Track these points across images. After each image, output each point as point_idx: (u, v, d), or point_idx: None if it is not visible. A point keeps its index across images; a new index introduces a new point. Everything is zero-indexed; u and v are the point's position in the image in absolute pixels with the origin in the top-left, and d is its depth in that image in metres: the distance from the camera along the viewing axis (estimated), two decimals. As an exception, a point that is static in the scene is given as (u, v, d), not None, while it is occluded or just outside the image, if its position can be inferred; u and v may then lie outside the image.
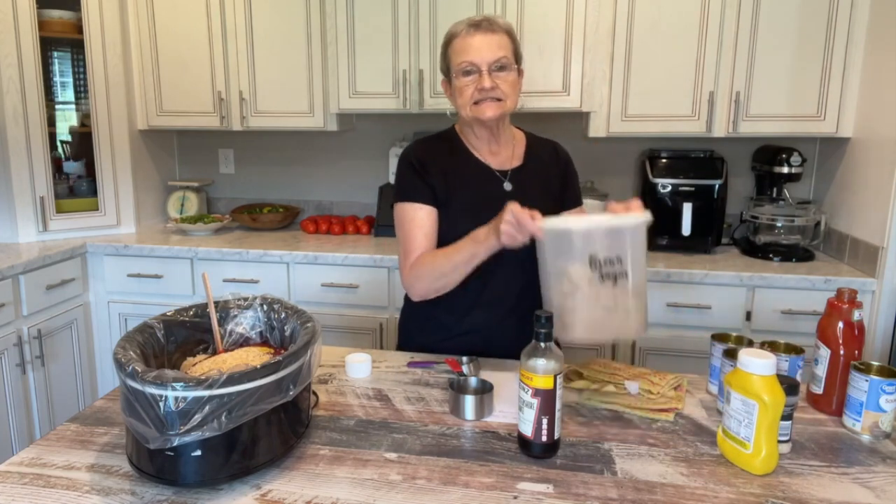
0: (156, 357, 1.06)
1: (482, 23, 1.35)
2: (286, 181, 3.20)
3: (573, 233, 1.09)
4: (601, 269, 1.09)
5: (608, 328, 1.12)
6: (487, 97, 1.34)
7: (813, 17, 2.29)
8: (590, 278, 1.09)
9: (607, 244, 1.09)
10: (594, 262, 1.08)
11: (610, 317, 1.11)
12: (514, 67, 1.37)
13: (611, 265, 1.09)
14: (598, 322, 1.11)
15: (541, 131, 1.59)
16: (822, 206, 2.54)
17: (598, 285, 1.09)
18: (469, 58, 1.34)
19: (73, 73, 2.87)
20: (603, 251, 1.09)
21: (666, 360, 2.28)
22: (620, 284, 1.09)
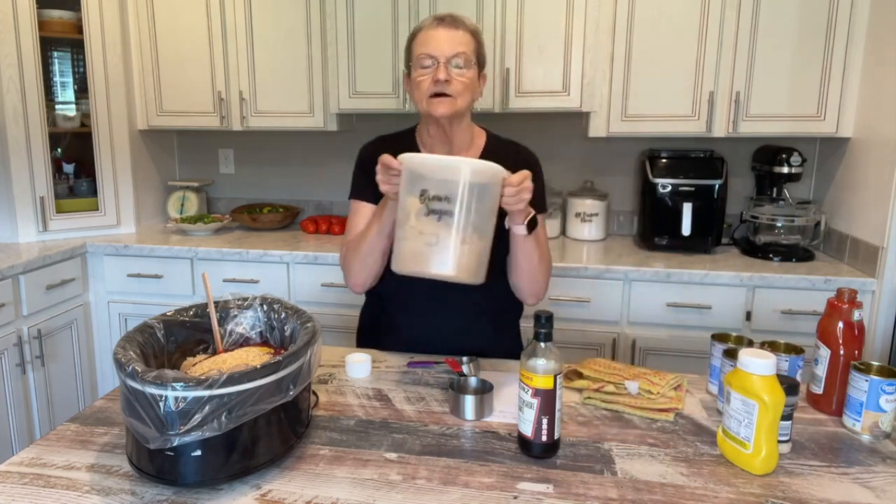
0: (156, 357, 1.06)
1: (446, 18, 1.35)
2: (286, 181, 3.20)
3: (413, 164, 1.15)
4: (428, 204, 1.13)
5: (426, 262, 1.14)
6: (440, 92, 1.32)
7: (813, 17, 2.29)
8: (417, 210, 1.13)
9: (440, 181, 1.12)
10: (424, 196, 1.13)
11: (430, 251, 1.13)
12: (472, 66, 1.35)
13: (438, 202, 1.12)
14: (419, 256, 1.14)
15: (541, 131, 1.59)
16: (822, 206, 2.55)
17: (423, 218, 1.13)
18: (428, 49, 1.33)
19: (73, 73, 2.87)
20: (434, 187, 1.12)
21: (666, 360, 2.28)
22: (444, 222, 1.12)
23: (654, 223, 2.52)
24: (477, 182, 1.13)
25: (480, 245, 1.16)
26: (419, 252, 1.14)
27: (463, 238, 1.13)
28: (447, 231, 1.12)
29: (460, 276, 1.14)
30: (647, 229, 2.54)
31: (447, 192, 1.12)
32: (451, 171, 1.12)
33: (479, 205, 1.14)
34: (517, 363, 1.38)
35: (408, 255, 1.15)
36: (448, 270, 1.13)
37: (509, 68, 2.49)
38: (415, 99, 1.38)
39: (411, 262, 1.15)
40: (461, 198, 1.12)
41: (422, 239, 1.13)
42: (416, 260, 1.15)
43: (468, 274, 1.15)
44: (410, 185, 1.15)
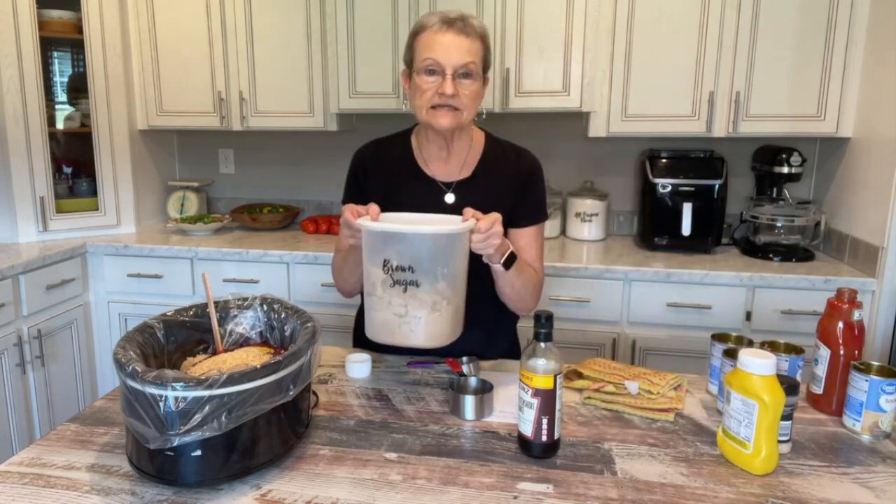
0: (156, 357, 1.06)
1: (456, 21, 1.26)
2: (286, 181, 3.20)
3: (372, 232, 1.11)
4: (392, 275, 1.11)
5: (398, 334, 1.13)
6: (445, 104, 1.27)
7: (813, 17, 2.29)
8: (382, 280, 1.11)
9: (400, 250, 1.09)
10: (388, 266, 1.10)
11: (399, 322, 1.12)
12: (479, 76, 1.30)
13: (402, 272, 1.10)
14: (390, 326, 1.13)
15: (541, 131, 1.59)
16: (822, 206, 2.55)
17: (389, 289, 1.11)
18: (435, 56, 1.25)
19: (73, 73, 2.87)
20: (397, 257, 1.10)
21: (666, 360, 2.28)
22: (410, 293, 1.10)
23: (654, 223, 2.52)
24: (441, 246, 1.10)
25: (452, 306, 1.13)
26: (389, 323, 1.12)
27: (433, 306, 1.10)
28: (415, 301, 1.10)
29: (434, 344, 1.13)
30: (647, 229, 2.54)
31: (410, 262, 1.09)
32: (415, 241, 1.09)
33: (446, 267, 1.11)
34: (517, 363, 1.38)
35: (379, 326, 1.14)
36: (420, 342, 1.12)
37: (509, 68, 2.49)
38: (415, 104, 1.32)
39: (383, 332, 1.14)
40: (425, 267, 1.09)
41: (390, 310, 1.12)
42: (387, 331, 1.14)
43: (442, 339, 1.14)
44: (372, 253, 1.12)
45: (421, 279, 1.09)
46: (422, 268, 1.09)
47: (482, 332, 1.47)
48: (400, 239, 1.09)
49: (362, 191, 1.43)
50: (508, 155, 1.44)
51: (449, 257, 1.11)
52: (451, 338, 1.15)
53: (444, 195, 1.40)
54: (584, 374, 1.28)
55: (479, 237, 1.14)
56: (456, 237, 1.11)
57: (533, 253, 1.42)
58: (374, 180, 1.42)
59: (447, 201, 1.39)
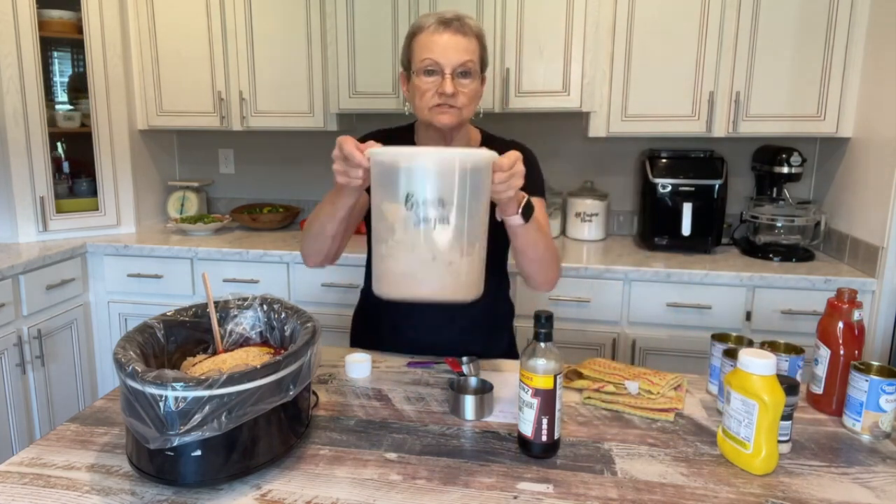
0: (156, 357, 1.06)
1: (453, 21, 1.27)
2: (286, 181, 3.20)
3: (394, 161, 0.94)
4: (418, 210, 0.93)
5: (423, 283, 0.95)
6: (445, 103, 1.27)
7: (813, 17, 2.29)
8: (404, 219, 0.93)
9: (431, 180, 0.93)
10: (411, 201, 0.93)
11: (427, 270, 0.95)
12: (478, 75, 1.31)
13: (429, 207, 0.93)
14: (413, 278, 0.95)
15: (541, 131, 1.59)
16: (822, 206, 2.55)
17: (413, 229, 0.93)
18: (434, 56, 1.26)
19: (73, 73, 2.87)
20: (423, 188, 0.92)
21: (666, 360, 2.28)
22: (441, 232, 0.93)
23: (654, 223, 2.52)
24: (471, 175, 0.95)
25: (482, 252, 0.99)
26: (412, 273, 0.96)
27: (464, 249, 0.95)
28: (446, 242, 0.94)
29: (467, 295, 0.98)
30: (647, 229, 2.54)
31: (440, 193, 0.93)
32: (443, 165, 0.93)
33: (474, 203, 0.96)
34: (517, 363, 1.38)
35: (398, 277, 0.97)
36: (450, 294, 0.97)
37: (509, 68, 2.49)
38: (415, 106, 1.33)
39: (403, 284, 0.97)
40: (458, 198, 0.93)
41: (414, 255, 0.95)
42: (410, 282, 0.97)
43: (475, 291, 0.99)
44: (388, 188, 0.95)
45: (452, 215, 0.93)
46: (454, 199, 0.93)
47: (482, 332, 1.47)
48: (430, 165, 0.92)
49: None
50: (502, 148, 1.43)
51: (478, 191, 0.96)
52: (479, 290, 1.01)
53: None
54: (584, 374, 1.28)
55: (501, 176, 1.02)
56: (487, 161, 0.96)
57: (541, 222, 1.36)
58: None
59: None
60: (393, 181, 0.95)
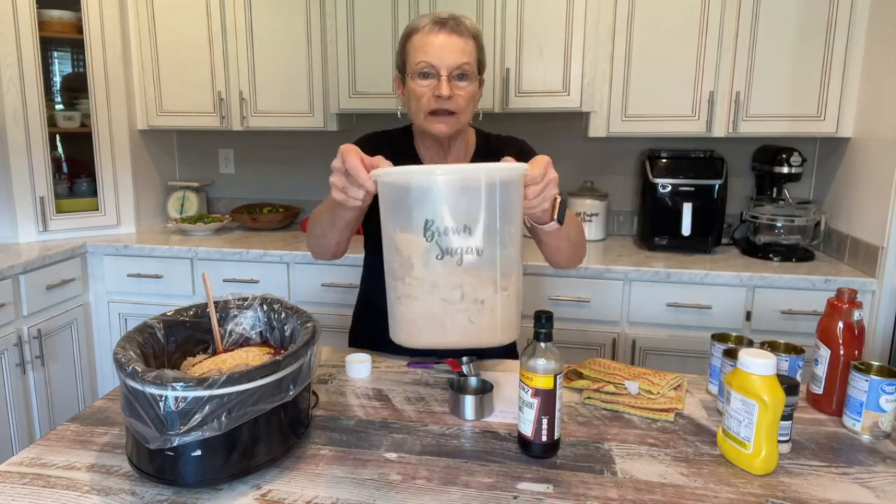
0: (156, 357, 1.06)
1: (448, 21, 1.22)
2: (286, 181, 3.20)
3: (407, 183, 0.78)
4: (440, 241, 0.77)
5: (449, 330, 0.80)
6: (442, 109, 1.24)
7: (813, 17, 2.30)
8: (423, 252, 0.78)
9: (451, 203, 0.77)
10: (431, 230, 0.77)
11: (454, 313, 0.79)
12: (475, 77, 1.27)
13: (455, 236, 0.77)
14: (437, 320, 0.80)
15: (541, 131, 1.59)
16: (822, 206, 2.55)
17: (435, 263, 0.78)
18: (429, 58, 1.22)
19: (73, 73, 2.87)
20: (444, 214, 0.76)
21: (666, 360, 2.28)
22: (468, 267, 0.78)
23: (654, 223, 2.52)
24: (500, 194, 0.79)
25: (518, 284, 0.83)
26: (437, 316, 0.79)
27: (497, 283, 0.79)
28: (474, 279, 0.78)
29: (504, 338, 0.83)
30: (647, 229, 2.54)
31: (465, 219, 0.77)
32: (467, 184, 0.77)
33: (506, 227, 0.80)
34: (517, 363, 1.38)
35: (420, 322, 0.81)
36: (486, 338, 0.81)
37: (509, 68, 2.49)
38: (411, 111, 1.30)
39: (426, 331, 0.81)
40: (487, 222, 0.78)
41: (437, 295, 0.79)
42: (434, 328, 0.81)
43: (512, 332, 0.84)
44: (402, 216, 0.80)
45: (482, 244, 0.77)
46: (481, 227, 0.77)
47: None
48: (445, 188, 0.76)
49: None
50: (498, 146, 1.44)
51: (514, 210, 0.81)
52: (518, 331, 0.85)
53: None
54: (584, 374, 1.28)
55: (535, 189, 0.90)
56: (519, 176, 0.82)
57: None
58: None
59: None
60: (407, 207, 0.79)
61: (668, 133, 2.48)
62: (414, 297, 0.81)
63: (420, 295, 0.80)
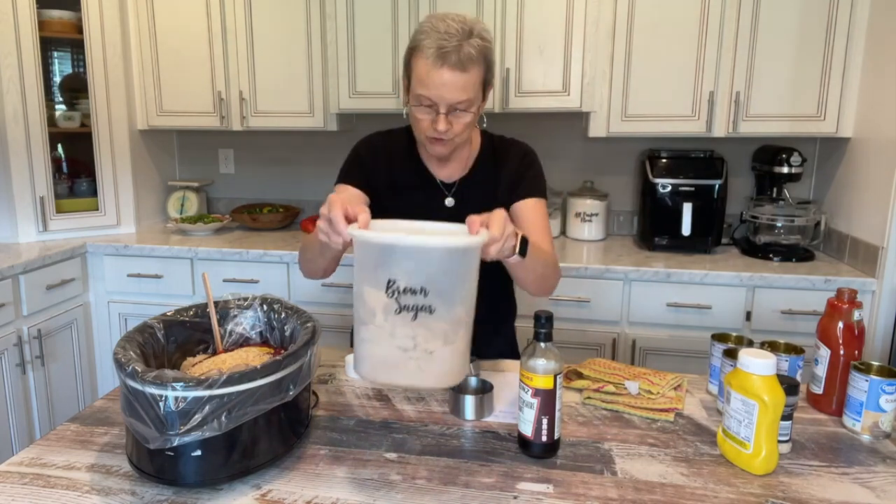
0: (156, 357, 1.06)
1: (451, 56, 1.18)
2: (286, 181, 3.20)
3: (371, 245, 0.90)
4: (399, 299, 0.89)
5: (402, 372, 0.92)
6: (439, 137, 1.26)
7: (813, 18, 2.29)
8: (385, 306, 0.89)
9: (411, 268, 0.88)
10: (392, 288, 0.89)
11: (406, 359, 0.91)
12: (477, 102, 1.26)
13: (412, 295, 0.88)
14: (391, 363, 0.92)
15: (541, 131, 1.59)
16: (822, 206, 2.55)
17: (394, 317, 0.89)
18: (429, 93, 1.22)
19: (73, 73, 2.87)
20: (404, 276, 0.88)
21: (666, 360, 2.28)
22: (422, 322, 0.89)
23: (654, 223, 2.52)
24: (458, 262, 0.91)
25: (466, 339, 0.95)
26: (391, 359, 0.91)
27: (446, 337, 0.91)
28: (426, 332, 0.90)
29: (447, 383, 0.96)
30: (647, 229, 2.54)
31: (424, 282, 0.88)
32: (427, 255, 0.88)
33: (464, 288, 0.92)
34: (517, 363, 1.38)
35: (378, 363, 0.93)
36: (430, 382, 0.94)
37: (509, 68, 2.49)
38: (413, 127, 1.33)
39: (382, 371, 0.93)
40: (442, 288, 0.89)
41: (393, 343, 0.90)
42: (389, 369, 0.93)
43: (455, 378, 0.95)
44: (369, 271, 0.90)
45: (436, 304, 0.89)
46: (438, 289, 0.88)
47: (482, 332, 1.47)
48: (412, 253, 0.88)
49: (364, 176, 1.41)
50: (503, 149, 1.45)
51: (468, 274, 0.92)
52: (462, 375, 0.97)
53: (444, 198, 1.42)
54: (584, 374, 1.28)
55: (496, 247, 1.00)
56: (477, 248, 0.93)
57: (538, 224, 1.37)
58: (381, 168, 1.42)
59: (447, 204, 1.42)
60: (373, 266, 0.90)
61: (668, 133, 2.48)
62: (374, 342, 0.92)
63: (380, 341, 0.92)
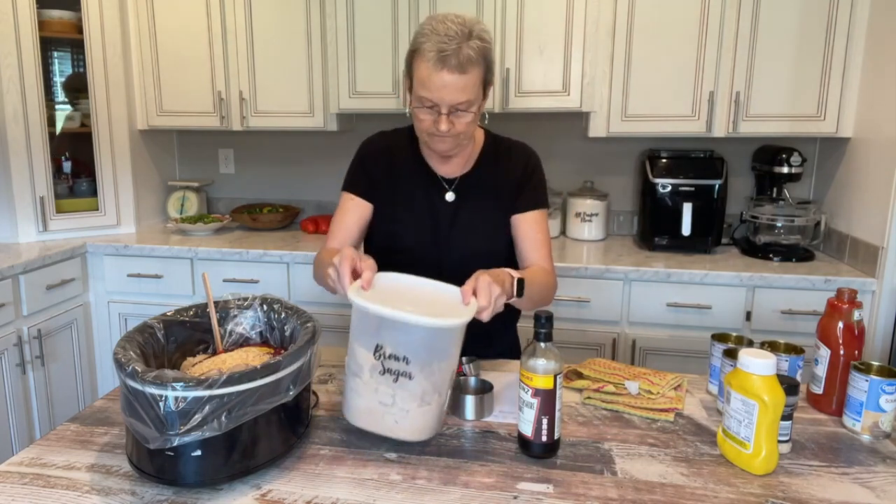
0: (156, 357, 1.06)
1: (451, 59, 1.19)
2: (286, 181, 3.20)
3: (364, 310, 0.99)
4: (384, 362, 1.00)
5: (380, 424, 1.03)
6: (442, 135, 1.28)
7: (813, 17, 2.29)
8: (372, 366, 1.01)
9: (397, 338, 0.98)
10: (380, 352, 1.00)
11: (384, 412, 1.02)
12: (478, 102, 1.28)
13: (395, 361, 0.99)
14: (373, 414, 1.03)
15: (541, 131, 1.59)
16: (822, 206, 2.55)
17: (379, 377, 1.01)
18: (430, 95, 1.24)
19: (73, 73, 2.87)
20: (391, 344, 0.99)
21: (666, 360, 2.28)
22: (402, 384, 1.00)
23: (654, 223, 2.52)
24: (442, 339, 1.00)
25: (440, 401, 1.04)
26: (373, 411, 1.03)
27: (422, 398, 1.01)
28: (404, 393, 1.00)
29: (418, 438, 1.05)
30: (647, 229, 2.54)
31: (406, 353, 0.98)
32: (414, 332, 0.97)
33: (444, 361, 1.01)
34: (517, 363, 1.38)
35: (361, 412, 1.04)
36: (404, 436, 1.04)
37: (509, 68, 2.49)
38: (415, 126, 1.34)
39: (363, 419, 1.05)
40: (422, 359, 0.99)
41: (375, 397, 1.02)
42: (369, 418, 1.04)
43: (426, 433, 1.05)
44: (363, 333, 1.01)
45: (415, 372, 0.99)
46: (418, 360, 0.99)
47: (482, 332, 1.47)
48: (399, 325, 0.97)
49: (369, 178, 1.44)
50: (506, 150, 1.46)
51: (449, 348, 1.01)
52: (436, 430, 1.06)
53: (445, 193, 1.42)
54: (584, 374, 1.28)
55: (486, 313, 1.05)
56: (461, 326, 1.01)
57: (538, 239, 1.40)
58: (383, 170, 1.43)
59: (447, 199, 1.42)
60: (366, 329, 1.01)
61: (668, 133, 2.48)
62: (360, 394, 1.04)
63: (364, 394, 1.03)
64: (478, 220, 1.41)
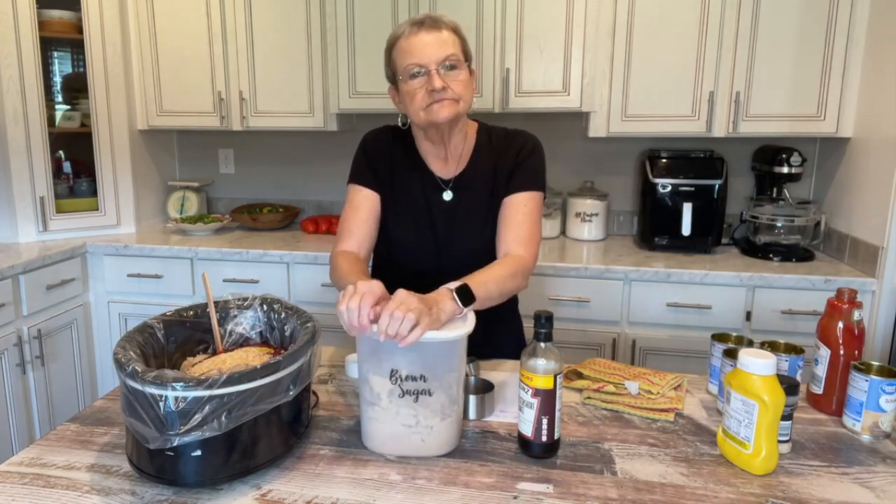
0: (156, 357, 1.06)
1: (425, 20, 1.28)
2: (286, 181, 3.20)
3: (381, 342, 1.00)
4: (402, 385, 1.02)
5: (407, 446, 1.04)
6: (441, 98, 1.26)
7: (813, 17, 2.29)
8: (389, 391, 1.03)
9: (410, 359, 1.01)
10: (395, 376, 1.02)
11: (410, 434, 1.04)
12: (464, 66, 1.29)
13: (413, 382, 1.02)
14: (398, 438, 1.04)
15: (541, 131, 1.59)
16: (822, 206, 2.54)
17: (397, 401, 1.03)
18: (415, 59, 1.25)
19: (73, 73, 2.87)
20: (405, 366, 1.01)
21: (666, 360, 2.28)
22: (423, 402, 1.02)
23: (654, 223, 2.52)
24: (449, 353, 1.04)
25: (458, 411, 1.07)
26: (397, 434, 1.04)
27: (443, 412, 1.03)
28: (426, 410, 1.03)
29: (447, 450, 1.06)
30: (647, 229, 2.54)
31: (422, 370, 1.02)
32: (423, 349, 1.01)
33: (451, 373, 1.04)
34: (517, 363, 1.38)
35: (385, 438, 1.05)
36: (433, 451, 1.05)
37: (509, 68, 2.49)
38: (409, 111, 1.32)
39: (389, 444, 1.05)
40: (438, 374, 1.02)
41: (398, 421, 1.03)
42: (395, 443, 1.05)
43: (450, 446, 1.06)
44: (374, 361, 1.03)
45: (434, 388, 1.02)
46: (434, 375, 1.02)
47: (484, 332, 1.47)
48: (413, 346, 0.99)
49: (372, 170, 1.43)
50: (499, 140, 1.43)
51: (457, 361, 1.05)
52: (457, 442, 1.08)
53: (442, 193, 1.42)
54: (584, 374, 1.28)
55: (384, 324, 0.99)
56: (464, 339, 1.04)
57: (515, 220, 1.35)
58: (384, 164, 1.43)
59: (445, 199, 1.42)
60: (380, 358, 1.03)
61: (668, 133, 2.48)
62: (381, 420, 1.05)
63: (385, 420, 1.05)
64: (476, 219, 1.41)
